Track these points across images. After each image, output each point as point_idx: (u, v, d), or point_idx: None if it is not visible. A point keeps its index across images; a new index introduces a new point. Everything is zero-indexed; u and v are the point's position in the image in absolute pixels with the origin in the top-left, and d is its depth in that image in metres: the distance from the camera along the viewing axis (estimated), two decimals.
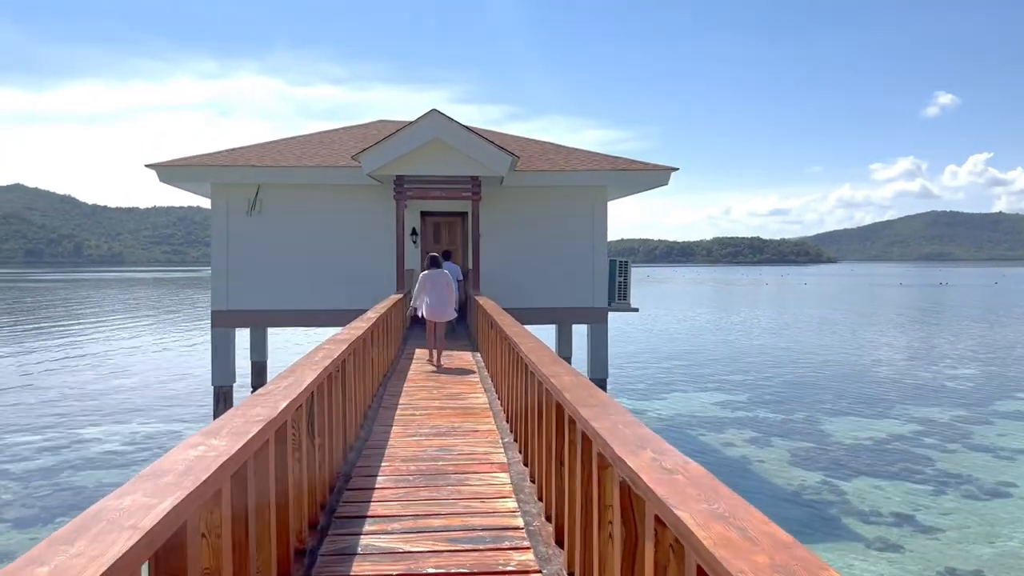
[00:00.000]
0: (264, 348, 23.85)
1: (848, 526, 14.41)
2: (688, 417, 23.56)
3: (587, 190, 19.15)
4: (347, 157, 18.27)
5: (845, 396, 26.94)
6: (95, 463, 18.28)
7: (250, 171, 18.16)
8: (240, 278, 18.62)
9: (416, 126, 16.30)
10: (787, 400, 26.23)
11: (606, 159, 19.70)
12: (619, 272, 20.05)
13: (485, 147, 16.34)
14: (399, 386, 9.52)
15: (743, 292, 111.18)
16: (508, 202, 19.30)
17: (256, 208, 18.63)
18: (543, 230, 19.49)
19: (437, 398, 8.77)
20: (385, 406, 8.22)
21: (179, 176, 18.01)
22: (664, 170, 18.92)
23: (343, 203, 18.93)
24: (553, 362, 4.91)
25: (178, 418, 22.85)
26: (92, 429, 21.61)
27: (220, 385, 18.86)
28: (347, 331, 6.90)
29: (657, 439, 2.74)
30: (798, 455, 19.20)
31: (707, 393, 27.55)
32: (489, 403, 8.46)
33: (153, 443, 20.15)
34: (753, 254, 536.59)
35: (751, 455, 19.26)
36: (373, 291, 18.19)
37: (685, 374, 31.82)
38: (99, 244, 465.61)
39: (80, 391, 27.02)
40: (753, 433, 21.53)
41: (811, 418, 23.41)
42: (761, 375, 31.61)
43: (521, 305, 17.69)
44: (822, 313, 66.70)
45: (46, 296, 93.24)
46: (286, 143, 20.28)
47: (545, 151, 20.44)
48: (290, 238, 18.85)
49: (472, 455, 6.19)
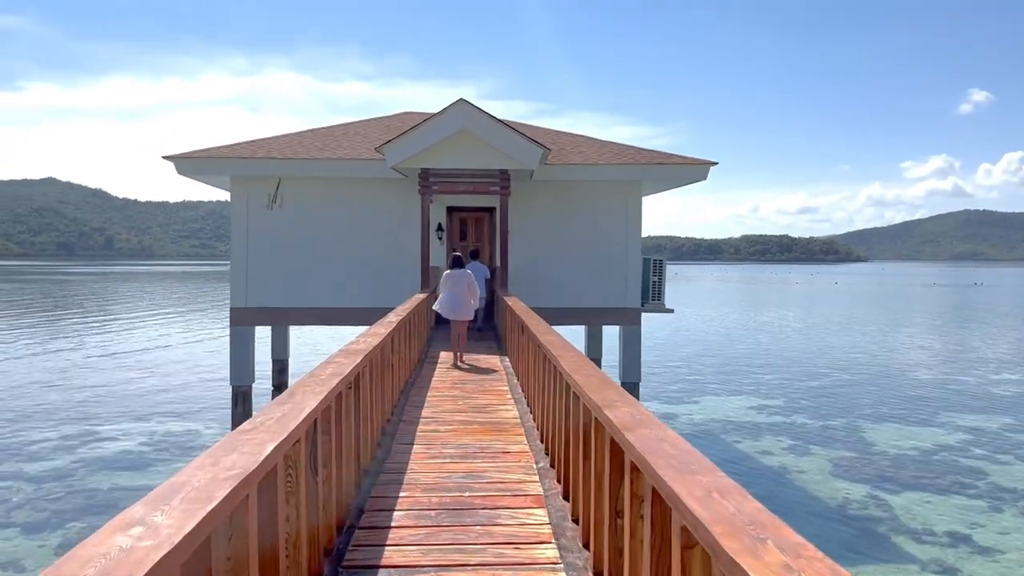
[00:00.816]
0: (285, 346, 23.27)
1: (899, 546, 13.47)
2: (722, 422, 22.63)
3: (621, 185, 18.29)
4: (371, 149, 17.57)
5: (885, 401, 25.84)
6: (111, 464, 17.77)
7: (270, 163, 17.52)
8: (260, 274, 18.00)
9: (443, 116, 15.53)
10: (824, 405, 25.20)
11: (641, 152, 18.83)
12: (653, 271, 19.17)
13: (515, 139, 15.54)
14: (422, 395, 8.77)
15: (773, 291, 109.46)
16: (537, 197, 18.50)
17: (276, 202, 17.99)
18: (574, 227, 18.67)
19: (463, 410, 8.00)
20: (406, 419, 7.47)
21: (197, 168, 17.40)
22: (702, 164, 18.00)
23: (367, 197, 18.24)
24: (603, 384, 4.12)
25: (198, 417, 22.35)
26: (110, 427, 21.15)
27: (238, 385, 18.26)
28: (363, 340, 6.15)
29: (777, 524, 1.94)
30: (840, 465, 18.24)
31: (740, 397, 26.58)
32: (520, 417, 7.68)
33: (171, 443, 19.63)
34: (781, 252, 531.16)
35: (790, 464, 18.32)
36: (397, 289, 17.49)
37: (717, 376, 30.84)
38: (129, 238, 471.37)
39: (101, 388, 26.65)
40: (791, 440, 20.57)
41: (851, 425, 22.39)
42: (796, 378, 30.56)
43: (550, 304, 16.90)
44: (855, 313, 65.15)
45: (76, 289, 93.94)
46: (308, 135, 19.62)
47: (577, 144, 19.60)
48: (312, 233, 18.20)
49: (503, 484, 5.41)
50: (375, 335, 6.52)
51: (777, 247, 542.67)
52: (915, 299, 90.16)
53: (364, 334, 6.55)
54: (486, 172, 16.19)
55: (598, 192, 18.49)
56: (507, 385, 9.57)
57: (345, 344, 5.76)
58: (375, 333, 6.61)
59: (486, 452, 6.31)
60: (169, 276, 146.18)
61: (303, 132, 19.82)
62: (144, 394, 25.68)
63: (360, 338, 6.34)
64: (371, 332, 6.65)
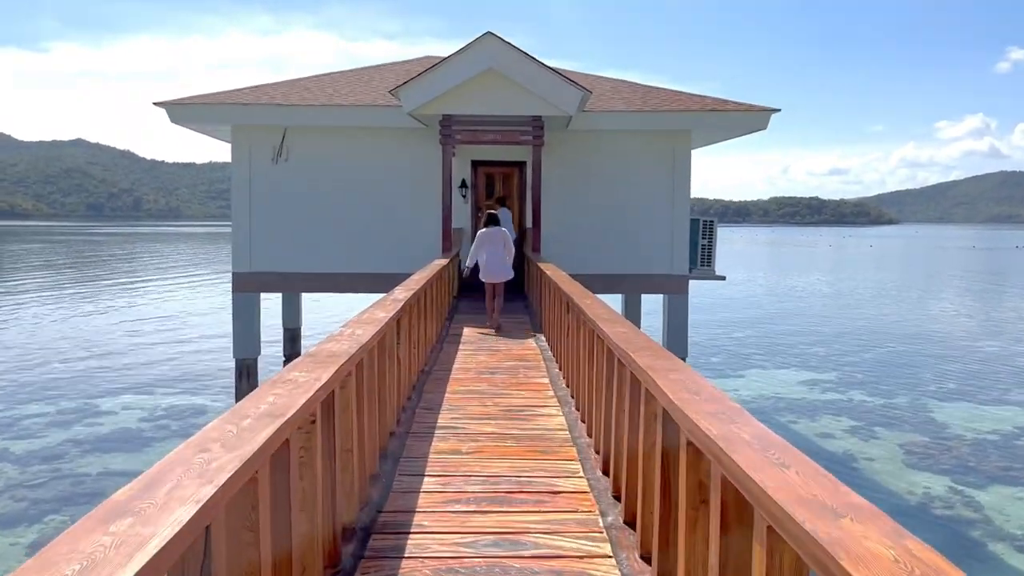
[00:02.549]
0: (298, 314, 21.53)
1: (1000, 556, 11.49)
2: (773, 399, 20.63)
3: (669, 135, 16.12)
4: (387, 95, 15.54)
5: (949, 376, 23.65)
6: (105, 444, 16.22)
7: (275, 111, 15.57)
8: (264, 236, 16.17)
9: (467, 53, 13.39)
10: (882, 380, 23.07)
11: (691, 99, 16.59)
12: (703, 233, 17.08)
13: (551, 79, 13.40)
14: (440, 391, 6.86)
15: (806, 255, 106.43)
16: (572, 150, 16.41)
17: (282, 155, 16.08)
18: (613, 183, 16.58)
19: (492, 414, 6.10)
20: (416, 432, 5.59)
21: (193, 116, 15.48)
22: (762, 111, 15.77)
23: (383, 150, 16.27)
24: (722, 409, 2.18)
25: (206, 390, 20.75)
26: (109, 401, 19.61)
27: (242, 358, 16.55)
28: (353, 327, 4.28)
29: None
30: (913, 452, 16.22)
31: (789, 370, 24.50)
32: (568, 428, 5.74)
33: (172, 419, 18.06)
34: (811, 214, 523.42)
35: (856, 451, 16.33)
36: (415, 253, 15.59)
37: (761, 346, 28.74)
38: (157, 199, 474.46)
39: (109, 356, 25.17)
40: (851, 421, 18.54)
41: (917, 404, 20.28)
42: (846, 349, 28.38)
43: (584, 271, 14.84)
44: (897, 278, 62.40)
45: (104, 249, 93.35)
46: (317, 80, 17.60)
47: (617, 89, 17.40)
48: (321, 190, 16.30)
49: (559, 552, 3.52)
50: (372, 321, 4.62)
51: (807, 209, 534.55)
52: (956, 263, 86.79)
53: (356, 321, 4.65)
54: (516, 119, 14.10)
55: (641, 143, 16.35)
56: (546, 375, 7.65)
57: (317, 346, 3.85)
58: (373, 319, 4.70)
59: (527, 491, 4.40)
60: (195, 237, 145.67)
61: (311, 77, 17.79)
62: (152, 363, 24.18)
63: (350, 325, 4.44)
64: (368, 318, 4.74)
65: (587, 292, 6.64)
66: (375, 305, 5.41)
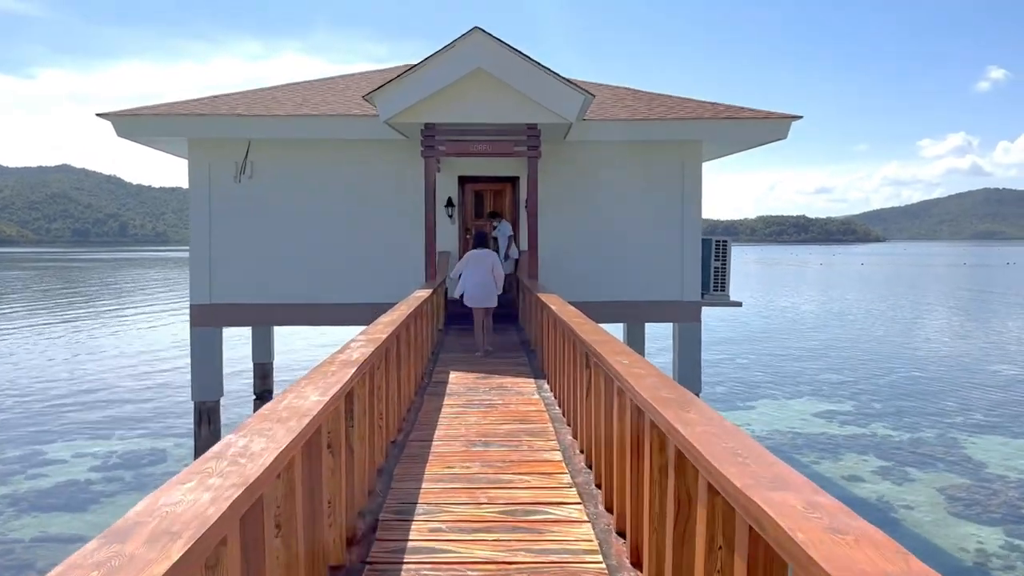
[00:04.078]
0: (269, 347, 19.64)
1: None
2: (789, 434, 18.87)
3: (677, 146, 14.47)
4: (363, 104, 13.84)
5: (974, 405, 21.97)
6: (47, 500, 14.29)
7: (237, 122, 13.81)
8: (225, 263, 14.36)
9: (451, 52, 11.64)
10: (904, 410, 21.35)
11: (703, 106, 14.93)
12: (715, 255, 15.39)
13: (548, 81, 11.68)
14: (414, 481, 4.92)
15: (797, 273, 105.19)
16: (570, 163, 14.74)
17: (245, 172, 14.32)
18: (616, 199, 14.91)
19: (487, 523, 4.23)
20: (377, 561, 3.76)
21: (142, 128, 13.68)
22: (782, 119, 14.13)
23: (358, 165, 14.54)
24: None
25: (167, 432, 18.80)
26: (59, 447, 17.65)
27: (202, 400, 14.67)
28: (263, 428, 2.50)
29: None
30: (955, 497, 14.47)
31: (803, 400, 22.78)
32: (599, 547, 3.94)
33: (127, 468, 16.14)
34: (798, 233, 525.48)
35: (891, 497, 14.56)
36: (397, 279, 13.86)
37: (768, 372, 27.02)
38: (144, 223, 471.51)
39: (64, 392, 23.18)
40: (880, 460, 16.79)
41: (946, 437, 18.57)
42: (859, 375, 26.69)
43: (585, 298, 13.16)
44: (895, 296, 60.96)
45: (88, 275, 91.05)
46: (284, 89, 15.85)
47: (619, 96, 15.73)
48: (289, 211, 14.54)
49: None
50: (292, 418, 2.83)
51: (793, 228, 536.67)
52: (952, 280, 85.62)
53: (272, 413, 2.85)
54: (509, 127, 12.38)
55: (647, 155, 14.70)
56: (556, 444, 5.84)
57: None
58: (292, 415, 2.90)
59: None
60: (180, 262, 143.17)
61: (277, 86, 16.04)
62: (112, 401, 22.20)
63: (244, 442, 2.64)
64: (285, 410, 2.94)
65: (613, 339, 4.89)
66: (314, 374, 3.62)
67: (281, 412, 2.84)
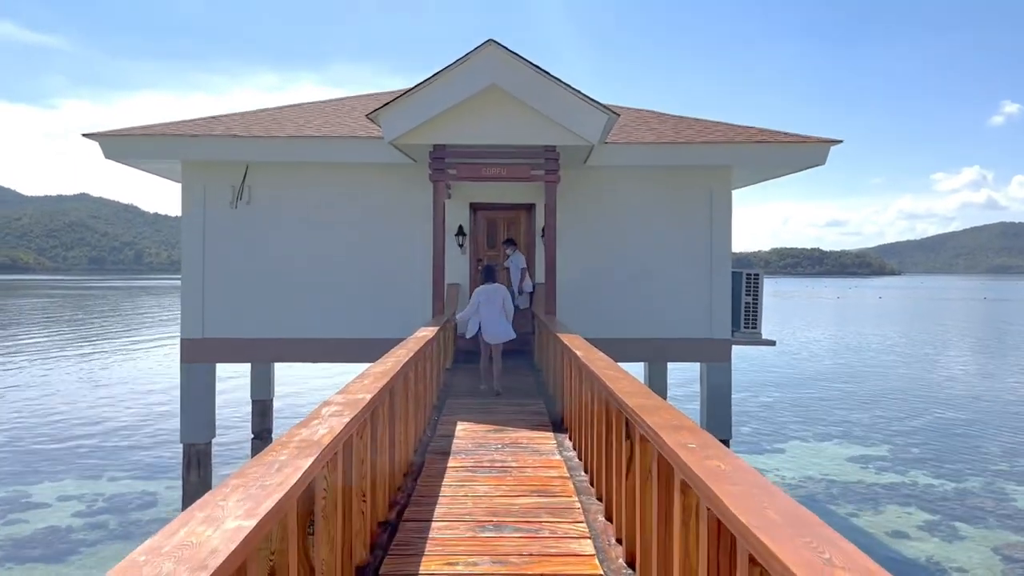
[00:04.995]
0: (269, 383, 18.56)
1: None
2: (823, 481, 17.55)
3: (705, 172, 13.43)
4: (367, 125, 12.89)
5: (1018, 450, 20.59)
6: (24, 551, 13.19)
7: (233, 144, 12.88)
8: (220, 295, 13.36)
9: (463, 67, 10.65)
10: (943, 455, 19.99)
11: (734, 129, 13.88)
12: (746, 288, 14.26)
13: (569, 99, 10.67)
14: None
15: (815, 307, 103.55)
16: (590, 189, 13.72)
17: (243, 197, 13.36)
18: (639, 229, 13.86)
19: None
20: None
21: (131, 150, 12.76)
22: (820, 143, 13.07)
23: (362, 190, 13.57)
24: None
25: (161, 473, 17.68)
26: (45, 488, 16.60)
27: (191, 443, 13.59)
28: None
29: None
30: (1013, 558, 13.13)
31: (833, 443, 21.44)
32: None
33: (114, 513, 15.05)
34: (812, 265, 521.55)
35: (942, 558, 13.22)
36: (403, 313, 12.83)
37: (795, 411, 25.69)
38: (159, 252, 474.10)
39: (65, 426, 22.16)
40: (925, 514, 15.46)
41: (993, 488, 17.20)
42: (890, 415, 25.31)
43: (606, 334, 12.07)
44: (920, 332, 59.31)
45: (99, 303, 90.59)
46: (285, 111, 14.95)
47: (644, 119, 14.72)
48: (289, 239, 13.55)
49: None
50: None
51: (808, 260, 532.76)
52: (977, 315, 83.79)
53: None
54: (526, 149, 11.36)
55: (673, 182, 13.67)
56: (585, 527, 4.68)
57: None
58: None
59: None
60: None
61: (278, 107, 15.14)
62: (107, 438, 21.15)
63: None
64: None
65: (664, 404, 3.80)
66: (253, 468, 2.52)
67: (172, 554, 1.74)
